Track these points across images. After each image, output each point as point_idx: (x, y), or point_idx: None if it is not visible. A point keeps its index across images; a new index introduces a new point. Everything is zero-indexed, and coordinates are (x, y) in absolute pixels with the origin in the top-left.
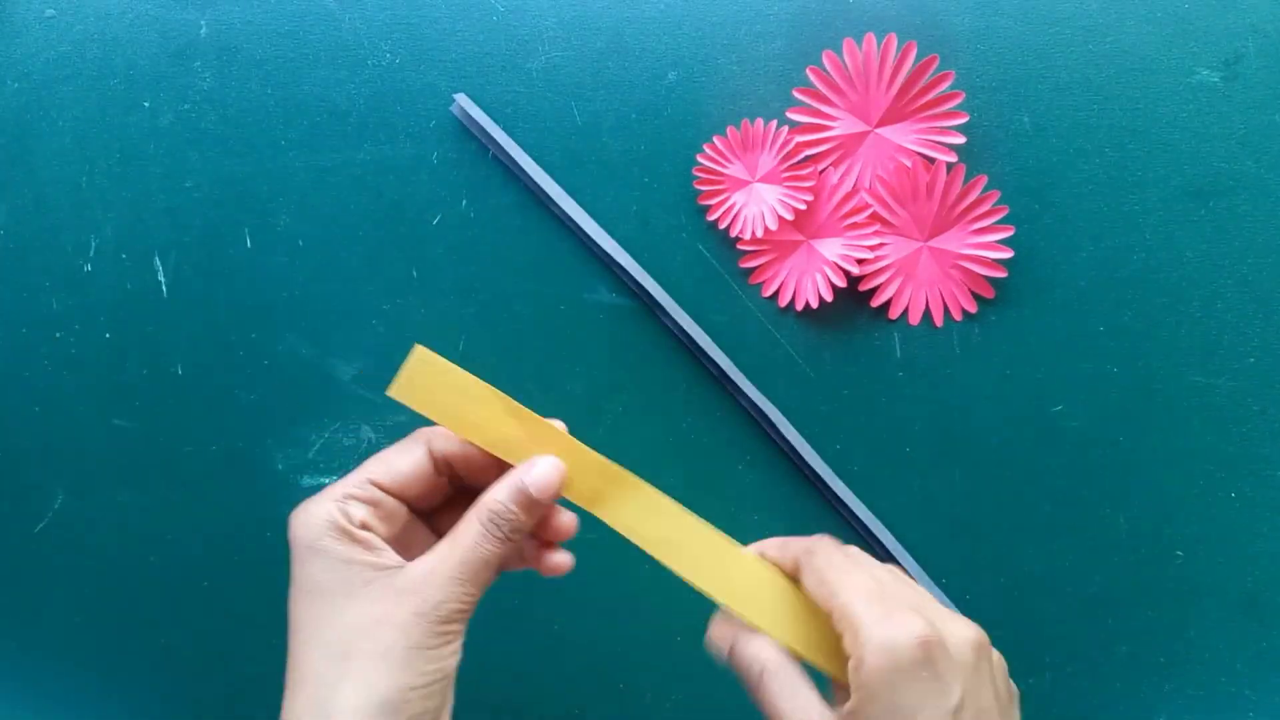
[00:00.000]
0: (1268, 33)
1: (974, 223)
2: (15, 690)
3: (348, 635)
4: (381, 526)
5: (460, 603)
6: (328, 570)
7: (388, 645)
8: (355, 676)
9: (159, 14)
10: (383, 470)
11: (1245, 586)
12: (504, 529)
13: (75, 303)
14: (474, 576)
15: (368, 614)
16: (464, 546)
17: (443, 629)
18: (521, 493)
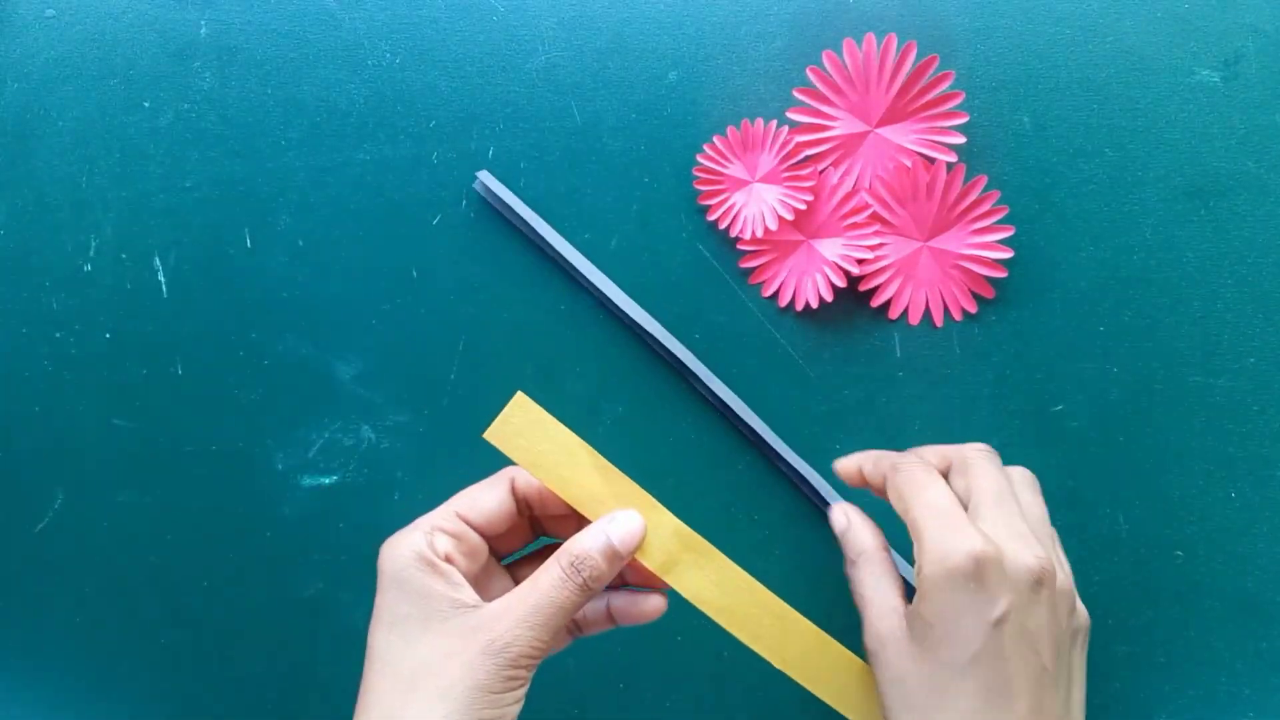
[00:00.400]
0: (1268, 33)
1: (974, 223)
2: (15, 690)
3: (417, 667)
4: (464, 562)
5: (530, 646)
6: (408, 601)
7: (451, 682)
8: (417, 709)
9: (159, 14)
10: (468, 504)
11: (1245, 586)
12: (583, 574)
13: (75, 303)
14: (547, 622)
15: (439, 648)
16: (540, 589)
17: (509, 672)
18: (606, 543)
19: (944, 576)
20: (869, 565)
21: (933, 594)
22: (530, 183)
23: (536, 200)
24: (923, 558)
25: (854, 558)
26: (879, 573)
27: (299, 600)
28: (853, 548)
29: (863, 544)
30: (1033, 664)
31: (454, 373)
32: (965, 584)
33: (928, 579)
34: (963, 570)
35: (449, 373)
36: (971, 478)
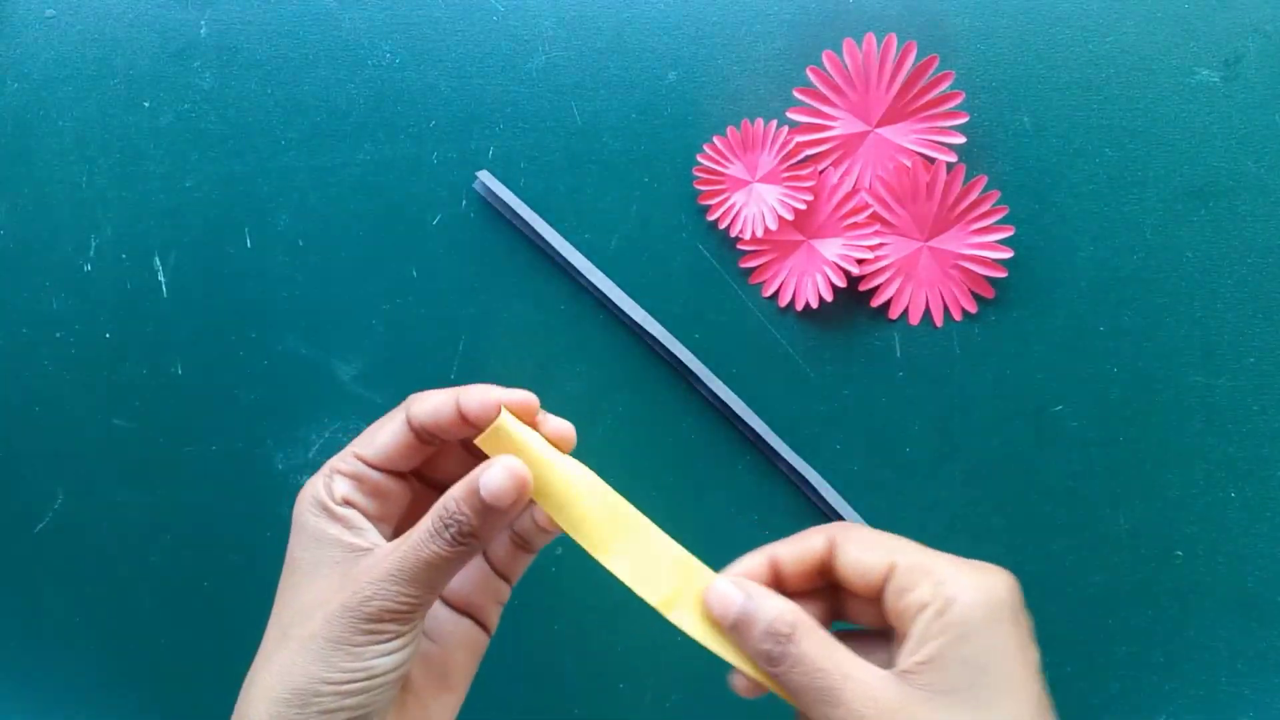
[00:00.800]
0: (1268, 33)
1: (974, 223)
2: (15, 690)
3: (294, 615)
4: (368, 503)
5: (395, 603)
6: (304, 546)
7: (314, 632)
8: (281, 657)
9: (159, 14)
10: (365, 442)
11: (1245, 586)
12: (451, 531)
13: (75, 303)
14: (414, 577)
15: (315, 596)
16: (409, 543)
17: (370, 627)
18: (474, 494)
19: (987, 612)
20: (811, 635)
21: (974, 634)
22: (530, 183)
23: (536, 200)
24: (952, 591)
25: (784, 629)
26: (831, 640)
27: None
28: (778, 622)
29: (787, 615)
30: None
31: (454, 373)
32: (1010, 622)
33: (967, 614)
34: (1010, 604)
35: (449, 373)
36: (878, 535)
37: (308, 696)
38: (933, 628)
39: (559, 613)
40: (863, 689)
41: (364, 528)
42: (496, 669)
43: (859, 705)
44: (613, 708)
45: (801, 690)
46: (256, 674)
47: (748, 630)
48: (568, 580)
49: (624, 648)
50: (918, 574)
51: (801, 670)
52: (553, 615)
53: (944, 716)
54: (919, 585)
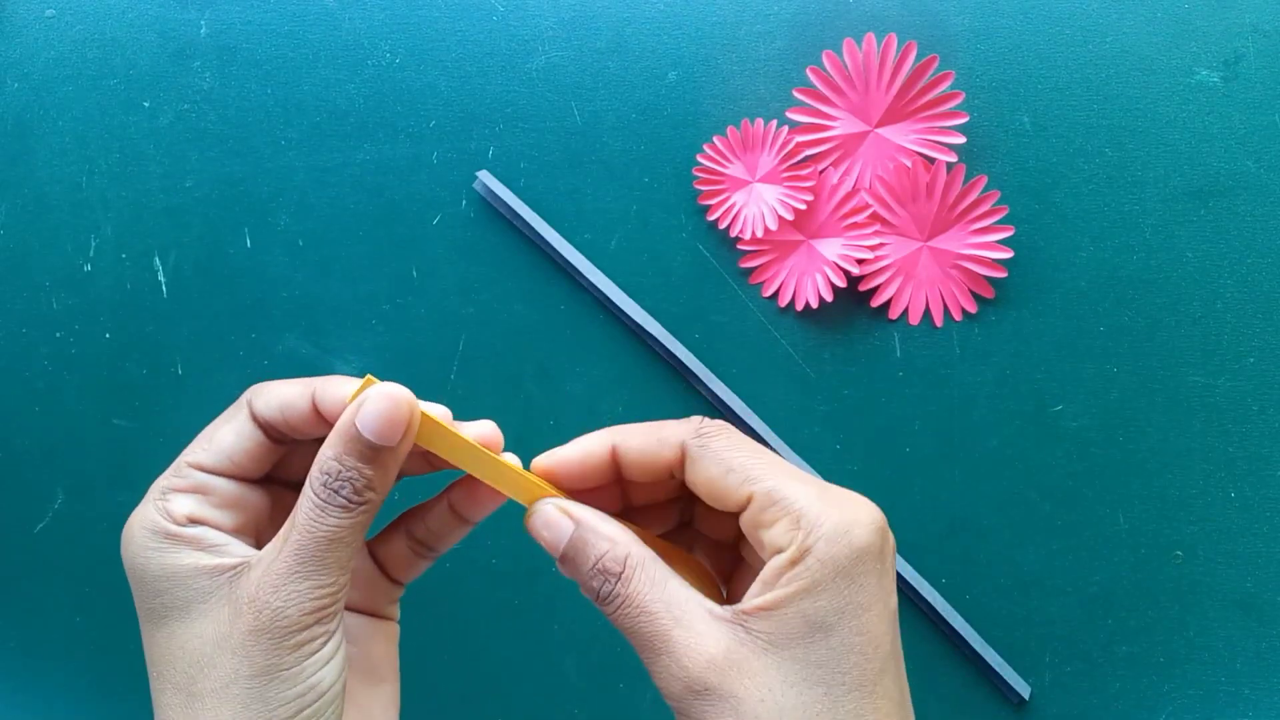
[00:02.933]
0: (1268, 33)
1: (974, 223)
2: (15, 690)
3: (189, 667)
4: (221, 516)
5: (311, 600)
6: (156, 591)
7: (230, 675)
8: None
9: (159, 14)
10: (202, 449)
11: (1245, 586)
12: (343, 493)
13: (75, 303)
14: (320, 564)
15: (206, 637)
16: (299, 528)
17: (294, 640)
18: (354, 439)
19: (850, 559)
20: (647, 572)
21: (832, 583)
22: (530, 183)
23: (536, 200)
24: (812, 536)
25: (614, 567)
26: (665, 578)
27: None
28: (608, 559)
29: (623, 546)
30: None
31: (454, 373)
32: (873, 565)
33: (827, 563)
34: (873, 548)
35: (449, 373)
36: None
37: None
38: (783, 575)
39: (559, 613)
40: (691, 639)
41: (223, 543)
42: (496, 669)
43: (684, 657)
44: (613, 708)
45: (630, 633)
46: None
47: (576, 564)
48: (567, 580)
49: (624, 648)
50: (776, 511)
51: (628, 613)
52: (553, 615)
53: (776, 673)
54: (776, 524)
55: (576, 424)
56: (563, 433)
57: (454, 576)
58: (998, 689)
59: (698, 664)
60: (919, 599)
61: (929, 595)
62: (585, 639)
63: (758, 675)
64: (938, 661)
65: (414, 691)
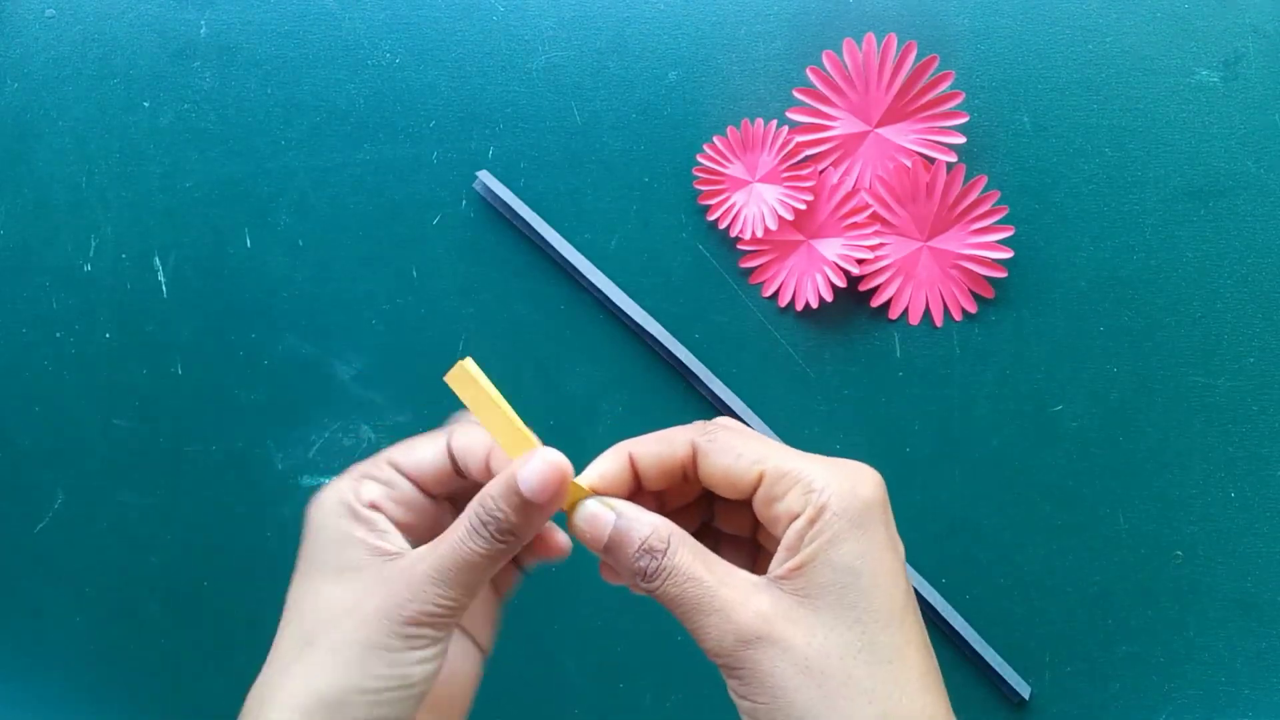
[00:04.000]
0: (1268, 33)
1: (974, 223)
2: (15, 690)
3: (317, 620)
4: (397, 511)
5: (435, 605)
6: (324, 549)
7: (345, 638)
8: (305, 665)
9: (159, 14)
10: (403, 452)
11: (1245, 587)
12: (490, 528)
13: (75, 303)
14: (454, 579)
15: (341, 601)
16: (448, 543)
17: (409, 631)
18: (511, 490)
19: (860, 515)
20: (689, 545)
21: (846, 539)
22: (530, 183)
23: (536, 200)
24: (824, 497)
25: (660, 545)
26: (704, 551)
27: None
28: (653, 539)
29: (661, 530)
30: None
31: None
32: (880, 522)
33: (838, 520)
34: (879, 500)
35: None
36: (744, 437)
37: (337, 705)
38: (804, 535)
39: (559, 613)
40: (737, 595)
41: (389, 531)
42: (496, 669)
43: (733, 611)
44: (613, 708)
45: (678, 601)
46: (271, 683)
47: (621, 550)
48: (568, 580)
49: (624, 648)
50: (787, 482)
51: (675, 581)
52: (553, 615)
53: (816, 619)
54: (789, 493)
55: (576, 424)
56: (563, 433)
57: None
58: (998, 689)
59: (747, 616)
60: (919, 599)
61: (929, 595)
62: (585, 639)
63: (800, 622)
64: (937, 661)
65: None
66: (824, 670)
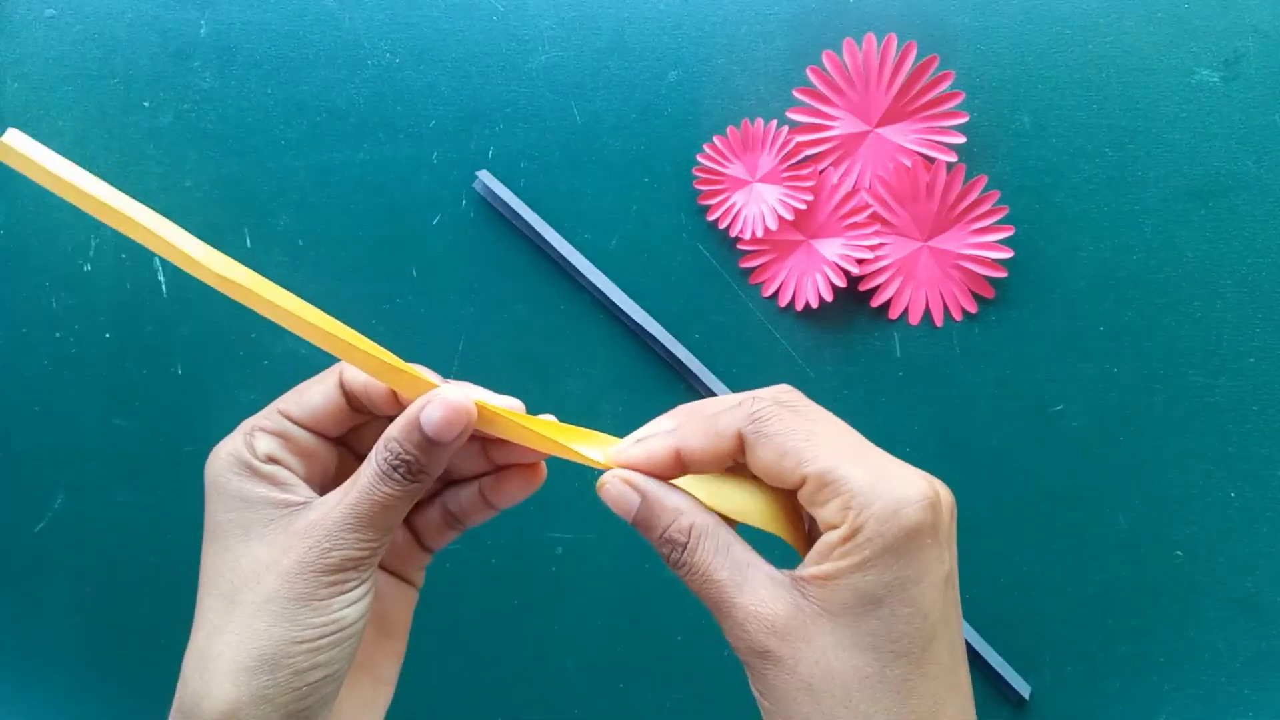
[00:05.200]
0: (1268, 33)
1: (974, 223)
2: (15, 690)
3: (237, 580)
4: (295, 462)
5: (355, 549)
6: (228, 509)
7: (270, 594)
8: (237, 625)
9: (159, 14)
10: (293, 400)
11: (1245, 586)
12: (400, 471)
13: (75, 303)
14: (371, 522)
15: (258, 558)
16: (359, 489)
17: (332, 578)
18: (415, 429)
19: (901, 536)
20: (711, 540)
21: (884, 559)
22: (530, 183)
23: (536, 200)
24: (863, 514)
25: (680, 538)
26: (728, 545)
27: None
28: (674, 527)
29: (687, 516)
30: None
31: (454, 373)
32: (924, 540)
33: (878, 539)
34: (923, 523)
35: (449, 373)
36: (792, 432)
37: (278, 660)
38: (836, 550)
39: (559, 613)
40: (752, 604)
41: (293, 483)
42: (496, 669)
43: (746, 622)
44: (613, 708)
45: (698, 594)
46: (205, 649)
47: (647, 530)
48: (568, 580)
49: (624, 648)
50: (828, 492)
51: (695, 580)
52: (553, 615)
53: (830, 638)
54: (829, 504)
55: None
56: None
57: (454, 576)
58: (998, 689)
59: (759, 629)
60: None
61: None
62: (585, 639)
63: (813, 640)
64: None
65: (415, 691)
66: (827, 692)
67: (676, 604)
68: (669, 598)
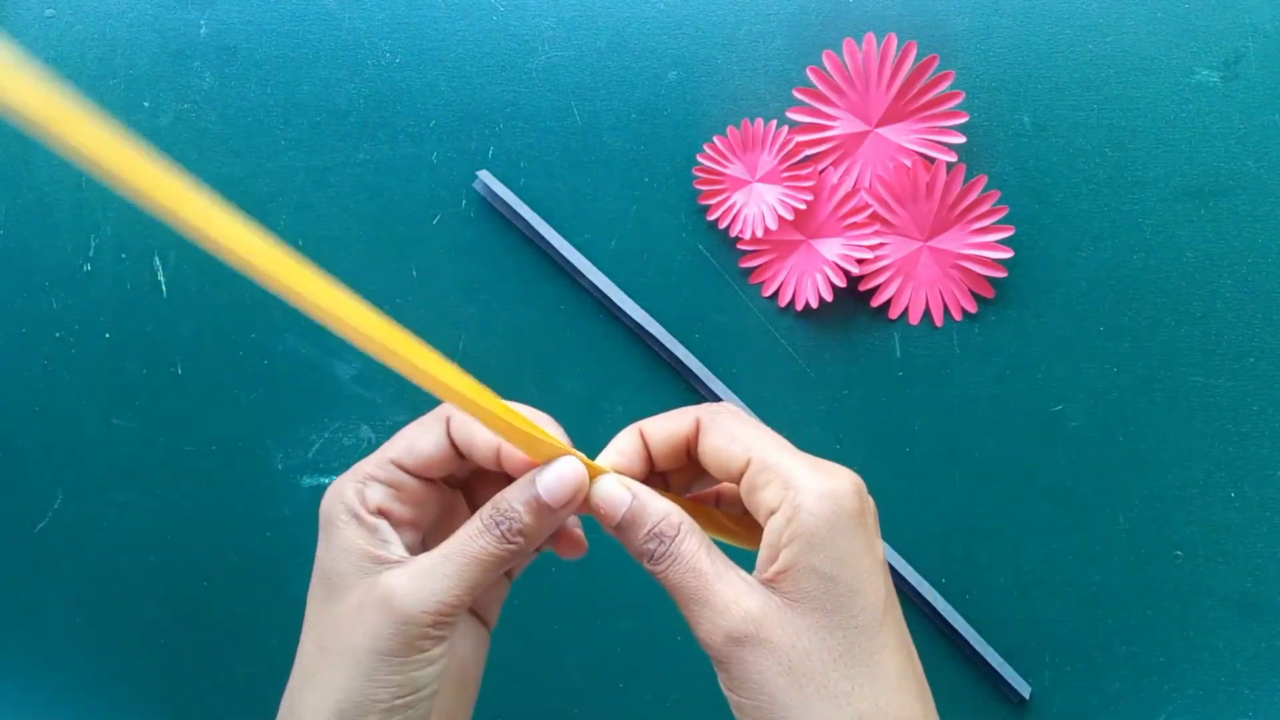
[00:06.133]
0: (1268, 33)
1: (974, 223)
2: (15, 690)
3: (330, 629)
4: (405, 511)
5: (439, 607)
6: (332, 555)
7: (355, 646)
8: (323, 676)
9: (159, 14)
10: (405, 448)
11: (1245, 587)
12: (502, 528)
13: (75, 303)
14: (460, 576)
15: (351, 607)
16: (458, 543)
17: (413, 631)
18: (530, 494)
19: (834, 517)
20: (692, 537)
21: (822, 541)
22: (530, 183)
23: (536, 200)
24: (801, 498)
25: (670, 531)
26: (707, 542)
27: (299, 600)
28: (664, 524)
29: (673, 516)
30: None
31: None
32: (856, 524)
33: (814, 522)
34: (854, 508)
35: None
36: (743, 423)
37: (356, 716)
38: (783, 536)
39: (559, 613)
40: (730, 593)
41: (392, 540)
42: (496, 669)
43: (727, 609)
44: (613, 707)
45: (678, 588)
46: (299, 692)
47: (633, 530)
48: (568, 580)
49: (624, 648)
50: (769, 474)
51: (679, 570)
52: (553, 615)
53: (800, 623)
54: (769, 485)
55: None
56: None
57: None
58: (998, 689)
59: (738, 616)
60: (919, 599)
61: (929, 595)
62: (585, 639)
63: (786, 626)
64: (938, 661)
65: None
66: (805, 673)
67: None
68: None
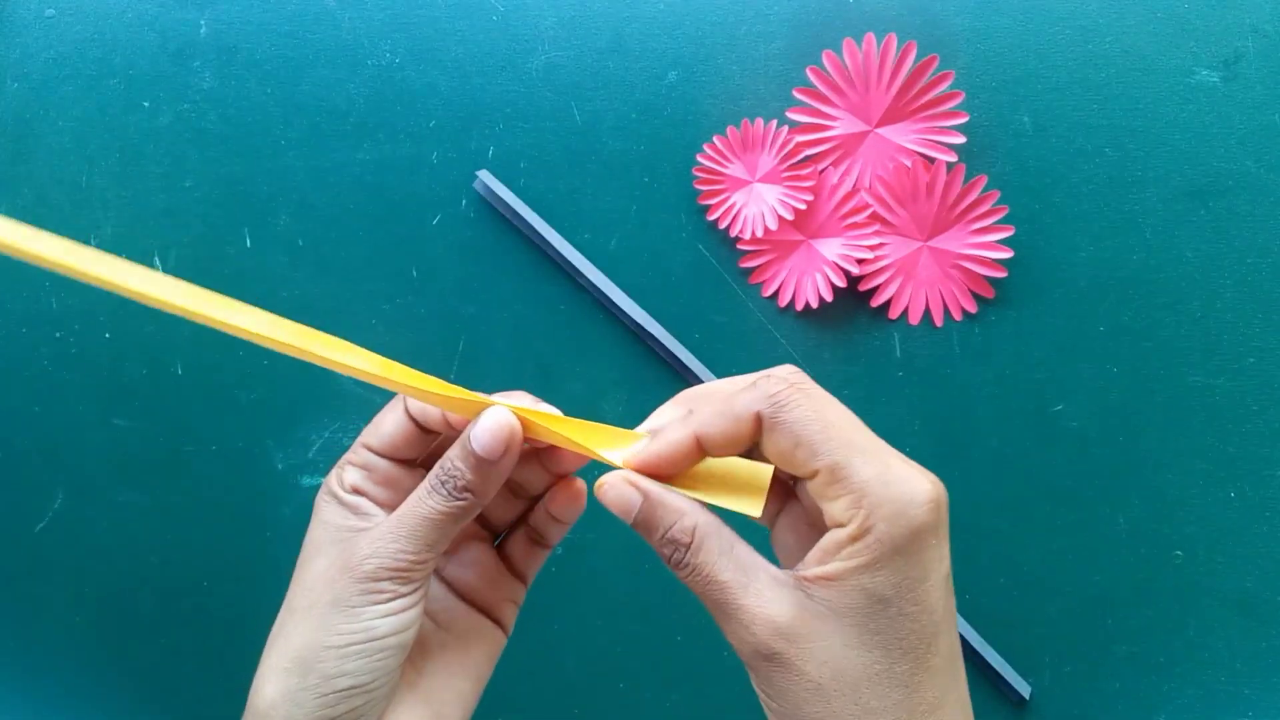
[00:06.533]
0: (1268, 33)
1: (974, 223)
2: (15, 690)
3: (299, 591)
4: (379, 491)
5: (392, 560)
6: (315, 532)
7: (314, 599)
8: (287, 630)
9: (159, 14)
10: (372, 431)
11: (1245, 586)
12: (447, 486)
13: (75, 303)
14: (412, 533)
15: (318, 572)
16: (406, 503)
17: (367, 586)
18: (465, 448)
19: (909, 537)
20: (714, 541)
21: (892, 560)
22: (530, 183)
23: (536, 200)
24: (872, 516)
25: (683, 539)
26: (730, 545)
27: None
28: (676, 531)
29: (690, 517)
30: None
31: (454, 373)
32: (929, 540)
33: (887, 541)
34: (929, 524)
35: (449, 373)
36: (809, 420)
37: (309, 663)
38: (843, 549)
39: (559, 612)
40: (757, 606)
41: (370, 513)
42: (497, 668)
43: (752, 624)
44: (613, 707)
45: (701, 597)
46: (267, 651)
47: (647, 532)
48: (568, 580)
49: (624, 648)
50: (839, 488)
51: (698, 581)
52: (553, 615)
53: (836, 638)
54: (839, 499)
55: None
56: None
57: None
58: (998, 689)
59: (765, 631)
60: None
61: None
62: (585, 639)
63: (819, 640)
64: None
65: None
66: (836, 691)
67: (676, 604)
68: (669, 598)
